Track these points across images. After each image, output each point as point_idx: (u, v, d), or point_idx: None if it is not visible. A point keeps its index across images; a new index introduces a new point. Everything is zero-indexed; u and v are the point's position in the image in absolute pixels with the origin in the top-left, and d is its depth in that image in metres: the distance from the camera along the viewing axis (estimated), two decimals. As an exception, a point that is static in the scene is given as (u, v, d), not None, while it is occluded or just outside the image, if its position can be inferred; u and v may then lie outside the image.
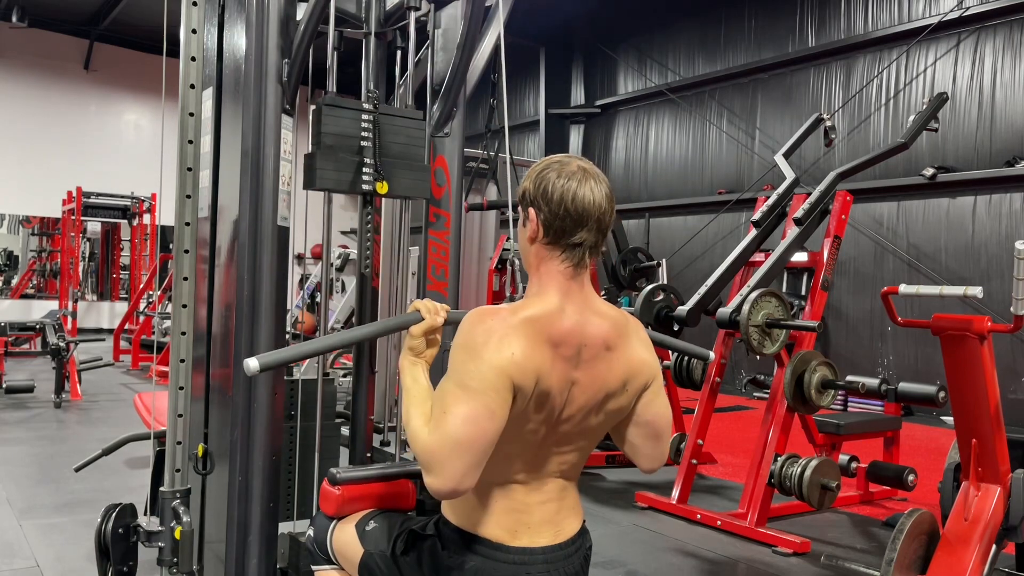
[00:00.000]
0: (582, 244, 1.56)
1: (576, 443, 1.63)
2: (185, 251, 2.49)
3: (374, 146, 2.24)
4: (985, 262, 8.29)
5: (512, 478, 1.59)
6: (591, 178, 1.57)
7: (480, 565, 1.58)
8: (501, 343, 1.47)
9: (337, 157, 2.20)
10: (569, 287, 1.57)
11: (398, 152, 2.30)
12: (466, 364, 1.48)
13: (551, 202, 1.55)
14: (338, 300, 8.84)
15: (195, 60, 2.47)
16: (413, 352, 1.69)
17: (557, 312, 1.54)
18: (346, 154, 2.22)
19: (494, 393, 1.45)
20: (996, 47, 8.40)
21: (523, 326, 1.50)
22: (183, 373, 2.49)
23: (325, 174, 2.18)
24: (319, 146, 2.19)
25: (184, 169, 2.49)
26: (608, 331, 1.58)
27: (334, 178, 2.21)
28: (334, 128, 2.20)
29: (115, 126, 15.23)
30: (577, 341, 1.54)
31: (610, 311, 1.62)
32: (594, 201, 1.55)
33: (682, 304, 4.63)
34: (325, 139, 2.19)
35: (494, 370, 1.46)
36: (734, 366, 9.94)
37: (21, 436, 5.97)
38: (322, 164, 2.17)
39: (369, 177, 2.23)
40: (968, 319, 2.87)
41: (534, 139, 14.08)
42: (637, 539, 4.07)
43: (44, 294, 14.84)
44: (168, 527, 2.39)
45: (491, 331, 1.49)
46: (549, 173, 1.57)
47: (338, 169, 2.20)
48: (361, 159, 2.23)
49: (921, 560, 2.87)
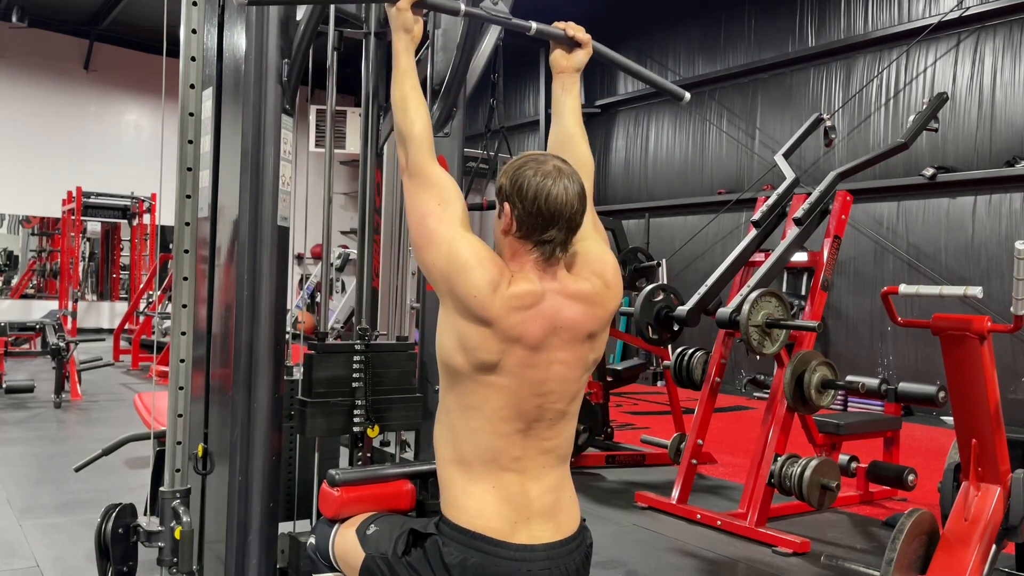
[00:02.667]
0: (552, 241, 1.63)
1: (563, 408, 1.69)
2: (185, 251, 2.49)
3: (364, 387, 2.31)
4: (985, 262, 8.29)
5: (506, 462, 1.63)
6: (565, 177, 1.63)
7: (481, 561, 1.59)
8: (496, 273, 1.60)
9: (328, 407, 2.28)
10: (544, 275, 1.65)
11: (391, 386, 2.39)
12: (470, 245, 1.63)
13: (525, 199, 1.61)
14: (338, 300, 8.85)
15: (195, 60, 2.47)
16: (404, 28, 1.76)
17: (538, 294, 1.62)
18: (337, 399, 2.30)
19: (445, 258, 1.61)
20: (996, 47, 8.40)
21: (511, 298, 1.60)
22: (183, 373, 2.49)
23: (316, 423, 2.27)
24: (310, 395, 2.27)
25: (184, 169, 2.49)
26: (587, 313, 1.67)
27: (325, 427, 2.30)
28: (325, 374, 2.29)
29: (115, 126, 15.23)
30: (554, 325, 1.63)
31: (583, 287, 1.68)
32: (566, 201, 1.61)
33: (682, 304, 4.63)
34: (316, 387, 2.27)
35: (474, 249, 1.61)
36: (734, 366, 9.93)
37: (21, 436, 5.97)
38: (312, 413, 2.27)
39: (360, 419, 2.30)
40: (968, 319, 2.87)
41: (534, 139, 14.07)
42: (637, 539, 4.07)
43: (44, 294, 14.83)
44: (168, 527, 2.39)
45: (496, 282, 1.60)
46: (526, 171, 1.63)
47: (328, 416, 2.29)
48: (352, 401, 2.31)
49: (921, 560, 2.87)
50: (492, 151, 8.07)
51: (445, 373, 1.67)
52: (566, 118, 1.95)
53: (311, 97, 2.35)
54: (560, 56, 1.97)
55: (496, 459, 1.63)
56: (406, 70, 1.76)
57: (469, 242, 1.63)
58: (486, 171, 8.23)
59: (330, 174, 2.63)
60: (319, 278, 9.71)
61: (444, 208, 1.66)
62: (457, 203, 1.68)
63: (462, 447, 1.65)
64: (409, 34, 1.77)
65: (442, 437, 1.70)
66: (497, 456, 1.63)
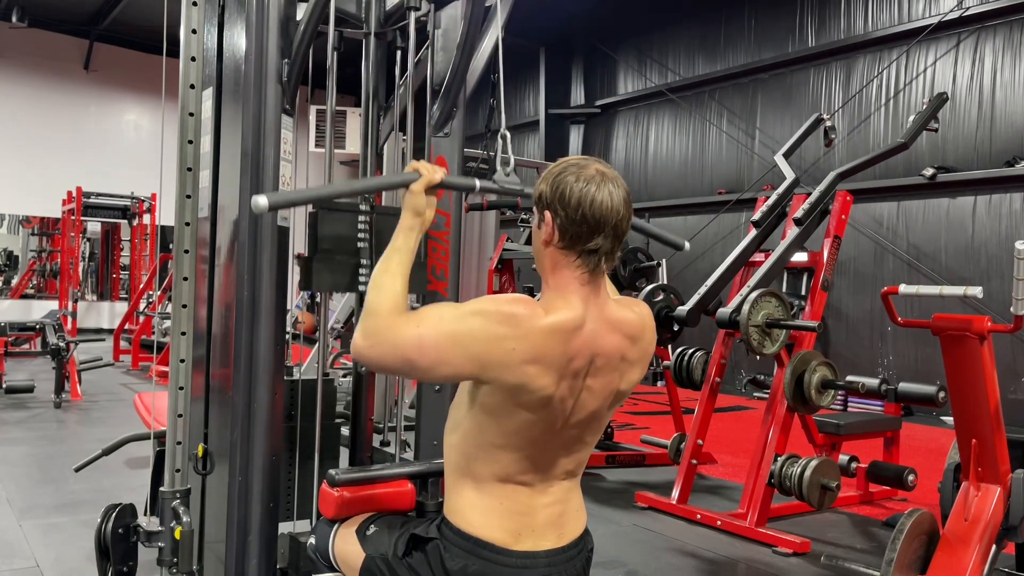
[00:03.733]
0: (598, 250, 1.54)
1: (585, 439, 1.65)
2: (185, 251, 2.49)
3: (370, 247, 2.28)
4: (985, 262, 8.29)
5: (518, 478, 1.60)
6: (609, 182, 1.54)
7: (482, 568, 1.58)
8: (516, 340, 1.48)
9: (334, 260, 2.26)
10: (587, 294, 1.55)
11: None
12: (474, 317, 1.50)
13: (568, 207, 1.52)
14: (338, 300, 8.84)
15: (195, 60, 2.47)
16: (414, 211, 1.69)
17: (579, 321, 1.53)
18: (343, 256, 2.27)
19: (464, 359, 1.48)
20: (996, 47, 8.40)
21: (547, 334, 1.49)
22: (183, 373, 2.49)
23: (321, 277, 2.24)
24: (316, 250, 2.24)
25: (184, 169, 2.49)
26: (623, 344, 1.59)
27: (330, 281, 2.27)
28: (330, 232, 2.26)
29: (115, 126, 15.23)
30: (591, 352, 1.54)
31: (627, 316, 1.61)
32: (612, 207, 1.52)
33: (682, 304, 4.63)
34: (322, 243, 2.24)
35: (487, 343, 1.48)
36: (734, 366, 9.93)
37: (21, 436, 5.97)
38: (318, 267, 2.24)
39: (365, 278, 2.27)
40: (968, 319, 2.87)
41: (534, 139, 14.07)
42: (637, 539, 4.07)
43: (44, 294, 14.83)
44: (168, 527, 2.39)
45: (518, 320, 1.49)
46: (567, 177, 1.54)
47: (334, 272, 2.26)
48: (358, 260, 2.28)
49: (921, 560, 2.87)
50: (492, 151, 8.07)
51: (473, 408, 1.58)
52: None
53: (311, 97, 2.35)
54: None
55: (509, 478, 1.59)
56: (399, 248, 1.66)
57: (469, 312, 1.51)
58: (486, 171, 8.24)
59: (330, 174, 2.63)
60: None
61: (422, 321, 1.52)
62: (428, 308, 1.55)
63: (475, 460, 1.60)
64: (419, 218, 1.69)
65: (454, 444, 1.64)
66: (511, 476, 1.59)
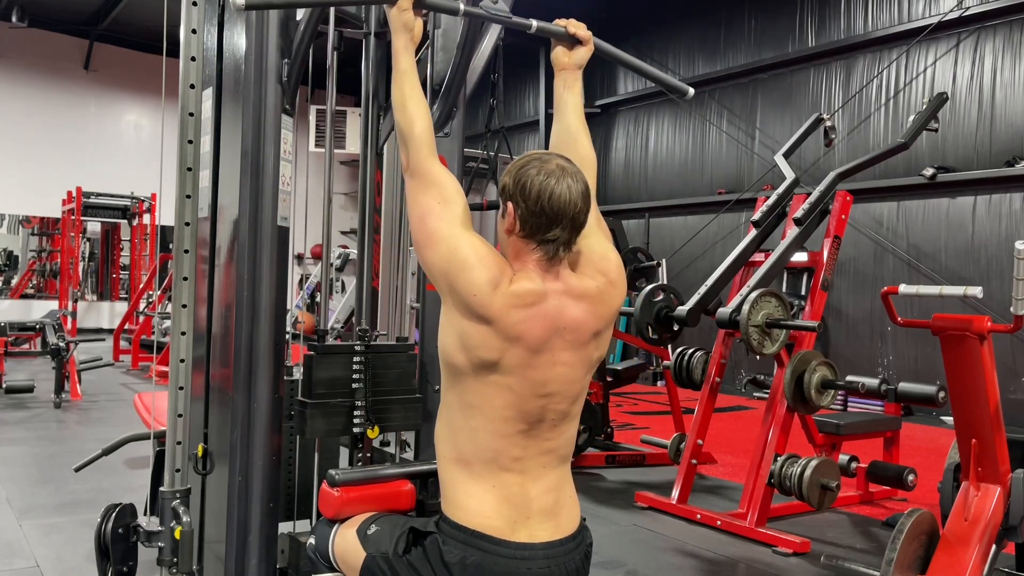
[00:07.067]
0: (556, 240, 1.62)
1: (565, 409, 1.69)
2: (185, 251, 2.49)
3: (364, 387, 2.31)
4: (985, 262, 8.29)
5: (506, 460, 1.64)
6: (569, 176, 1.63)
7: (481, 560, 1.60)
8: (496, 271, 1.60)
9: (328, 408, 2.28)
10: (547, 276, 1.65)
11: (391, 386, 2.39)
12: (470, 248, 1.62)
13: (528, 199, 1.61)
14: (338, 300, 8.85)
15: (195, 60, 2.47)
16: (406, 27, 1.76)
17: (540, 293, 1.62)
18: (337, 400, 2.30)
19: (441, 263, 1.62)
20: (996, 47, 8.40)
21: (510, 298, 1.59)
22: (183, 373, 2.49)
23: (316, 424, 2.27)
24: (310, 396, 2.27)
25: (184, 169, 2.49)
26: (588, 311, 1.66)
27: (325, 427, 2.30)
28: (326, 375, 2.29)
29: (115, 126, 15.22)
30: (557, 325, 1.63)
31: (587, 286, 1.68)
32: (570, 200, 1.61)
33: (682, 304, 4.63)
34: (317, 388, 2.27)
35: (473, 247, 1.61)
36: (734, 366, 9.93)
37: (21, 436, 5.96)
38: (312, 414, 2.26)
39: (360, 420, 2.31)
40: (968, 319, 2.87)
41: (534, 139, 14.07)
42: (637, 539, 4.07)
43: (44, 294, 14.83)
44: (168, 527, 2.39)
45: (492, 263, 1.61)
46: (529, 170, 1.63)
47: (328, 416, 2.29)
48: (352, 402, 2.31)
49: (921, 560, 2.87)
50: (492, 151, 8.07)
51: (447, 371, 1.67)
52: (568, 115, 1.95)
53: (311, 97, 2.35)
54: (561, 54, 1.97)
55: (496, 459, 1.63)
56: (406, 70, 1.76)
57: (469, 240, 1.63)
58: (486, 171, 8.23)
59: (330, 174, 2.63)
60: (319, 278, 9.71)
61: (445, 207, 1.66)
62: (458, 202, 1.68)
63: (463, 446, 1.65)
64: (409, 33, 1.77)
65: (443, 435, 1.70)
66: (498, 456, 1.63)
